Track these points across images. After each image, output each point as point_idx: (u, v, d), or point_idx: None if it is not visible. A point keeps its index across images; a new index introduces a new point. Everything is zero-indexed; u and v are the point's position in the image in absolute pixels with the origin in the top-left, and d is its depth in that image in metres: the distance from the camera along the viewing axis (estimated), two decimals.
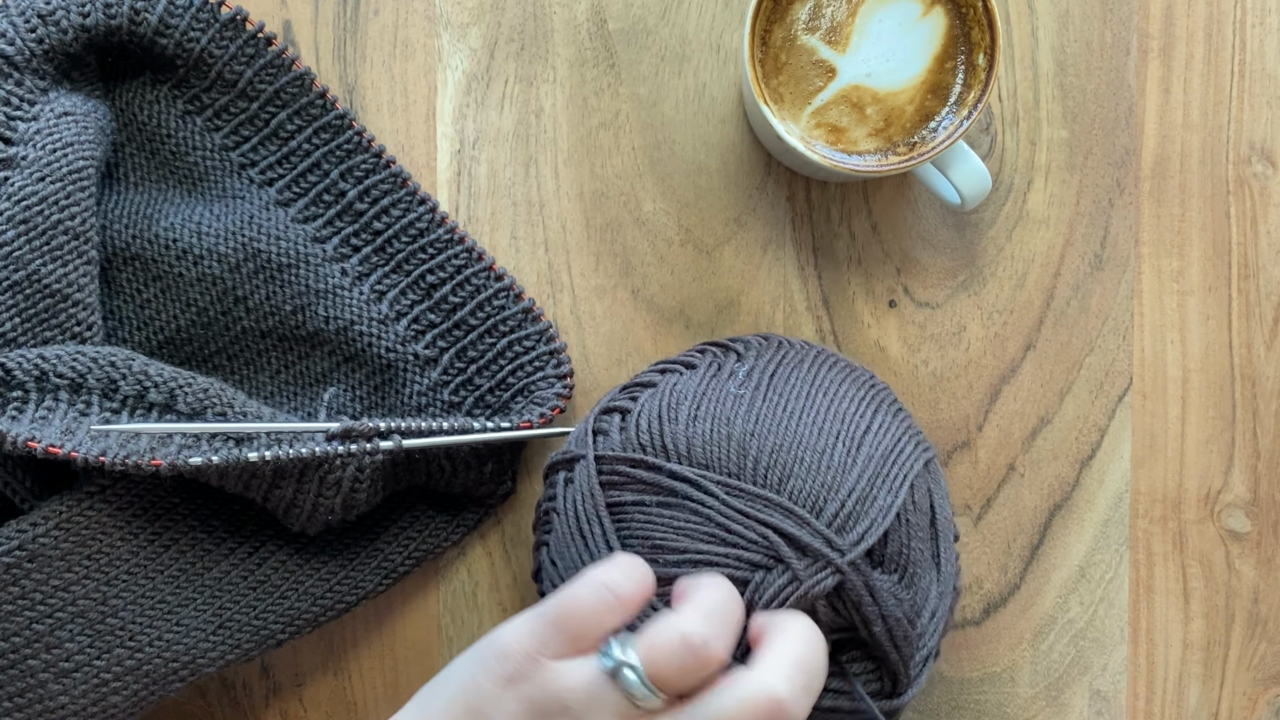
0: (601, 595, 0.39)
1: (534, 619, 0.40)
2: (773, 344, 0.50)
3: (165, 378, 0.48)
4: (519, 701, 0.39)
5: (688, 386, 0.47)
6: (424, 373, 0.53)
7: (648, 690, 0.38)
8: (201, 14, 0.51)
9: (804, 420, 0.45)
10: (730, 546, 0.43)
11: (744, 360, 0.48)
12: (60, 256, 0.48)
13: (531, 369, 0.54)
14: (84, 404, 0.47)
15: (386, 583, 0.53)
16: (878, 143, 0.50)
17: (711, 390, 0.47)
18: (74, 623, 0.46)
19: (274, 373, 0.54)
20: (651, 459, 0.45)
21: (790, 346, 0.50)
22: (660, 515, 0.44)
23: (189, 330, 0.53)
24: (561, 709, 0.38)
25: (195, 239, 0.52)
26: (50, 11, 0.49)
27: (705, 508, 0.44)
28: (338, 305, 0.53)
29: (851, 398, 0.47)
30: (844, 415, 0.46)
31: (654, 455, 0.45)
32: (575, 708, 0.38)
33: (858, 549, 0.43)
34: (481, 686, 0.39)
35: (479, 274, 0.54)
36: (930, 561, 0.46)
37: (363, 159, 0.53)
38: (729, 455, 0.44)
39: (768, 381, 0.47)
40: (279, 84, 0.52)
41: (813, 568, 0.43)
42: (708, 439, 0.45)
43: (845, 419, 0.46)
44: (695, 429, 0.45)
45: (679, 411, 0.46)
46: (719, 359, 0.49)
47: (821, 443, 0.45)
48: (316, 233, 0.53)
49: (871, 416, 0.46)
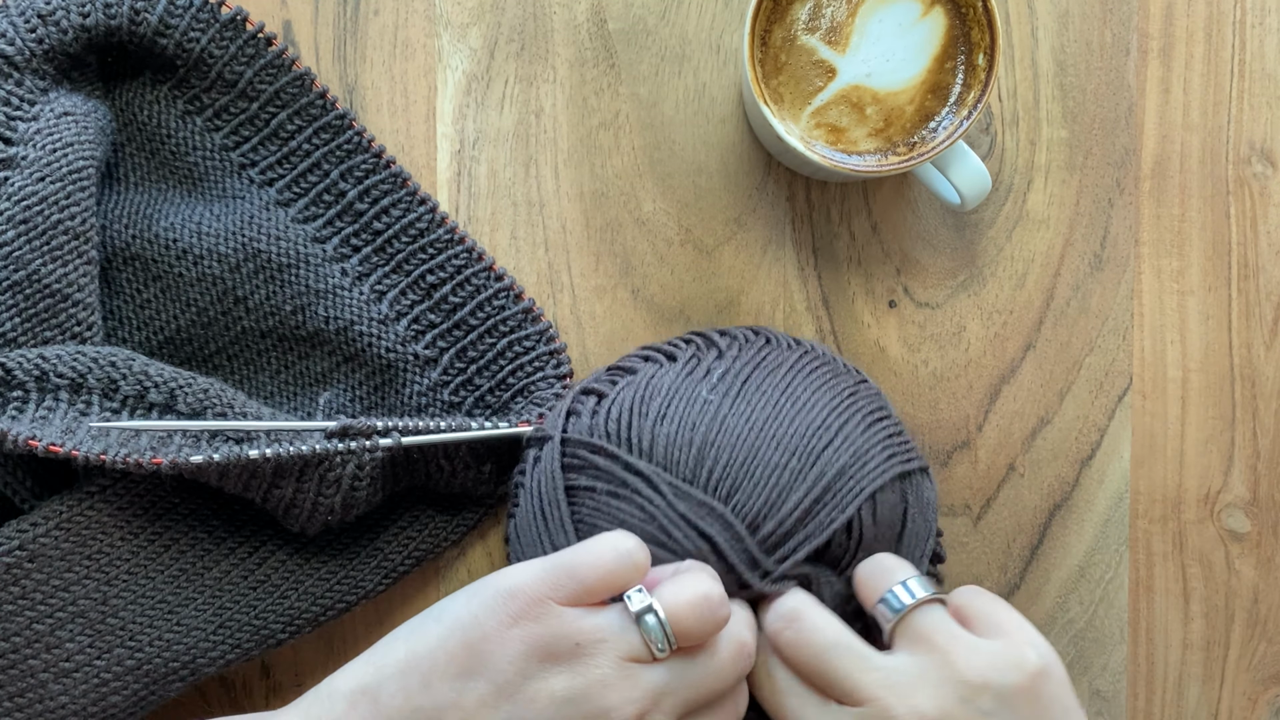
0: (623, 558, 0.42)
1: (549, 566, 0.42)
2: (756, 343, 0.50)
3: (165, 378, 0.48)
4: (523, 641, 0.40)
5: (663, 381, 0.48)
6: (424, 373, 0.53)
7: (665, 636, 0.41)
8: (201, 14, 0.51)
9: (765, 433, 0.46)
10: (662, 547, 0.45)
11: (723, 358, 0.49)
12: (60, 256, 0.48)
13: (531, 369, 0.54)
14: (84, 404, 0.47)
15: (386, 583, 0.53)
16: (878, 143, 0.50)
17: (684, 390, 0.47)
18: (74, 623, 0.46)
19: (274, 373, 0.54)
20: (611, 448, 0.46)
21: (775, 346, 0.50)
22: (608, 504, 0.46)
23: (189, 330, 0.53)
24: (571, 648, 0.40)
25: (195, 239, 0.52)
26: (50, 12, 0.49)
27: (651, 505, 0.45)
28: (338, 305, 0.53)
29: (822, 407, 0.47)
30: (808, 427, 0.46)
31: (617, 445, 0.46)
32: (585, 645, 0.40)
33: (780, 570, 0.44)
34: (484, 623, 0.40)
35: (479, 274, 0.54)
36: None
37: (363, 159, 0.53)
38: (687, 459, 0.45)
39: (739, 387, 0.47)
40: (279, 84, 0.52)
41: (734, 584, 0.44)
42: (670, 440, 0.46)
43: (808, 432, 0.46)
44: (660, 428, 0.46)
45: (650, 407, 0.47)
46: (700, 353, 0.50)
47: (776, 457, 0.45)
48: (316, 233, 0.53)
49: (838, 430, 0.47)
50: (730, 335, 0.51)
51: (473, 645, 0.40)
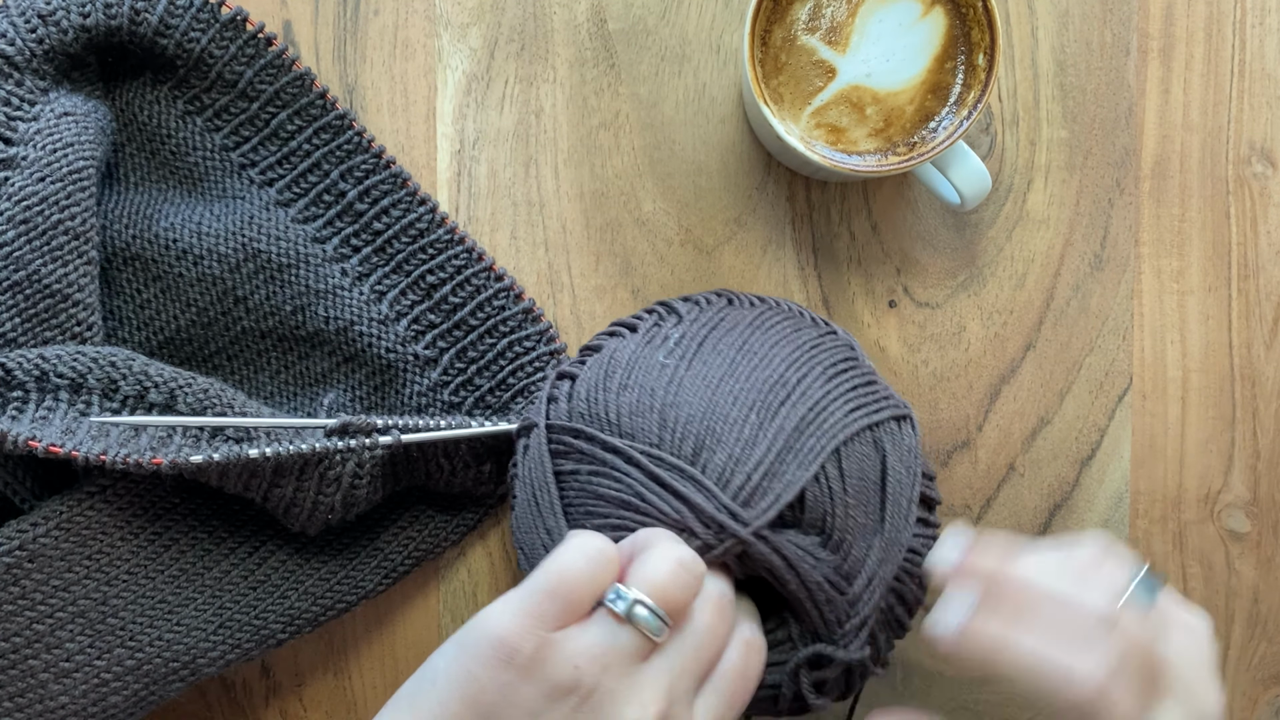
0: (594, 560, 0.41)
1: (524, 597, 0.40)
2: (718, 304, 0.50)
3: (165, 378, 0.48)
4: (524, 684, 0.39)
5: (624, 354, 0.48)
6: (424, 373, 0.53)
7: (660, 620, 0.40)
8: (202, 14, 0.51)
9: (722, 390, 0.46)
10: (645, 515, 0.45)
11: (682, 322, 0.49)
12: (60, 257, 0.48)
13: (532, 369, 0.54)
14: (84, 404, 0.47)
15: (386, 583, 0.53)
16: (878, 143, 0.50)
17: (643, 359, 0.48)
18: (74, 623, 0.46)
19: (274, 373, 0.54)
20: (588, 429, 0.46)
21: (737, 306, 0.50)
22: (591, 483, 0.46)
23: (189, 330, 0.53)
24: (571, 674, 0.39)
25: (195, 239, 0.52)
26: (50, 12, 0.49)
27: (628, 477, 0.45)
28: (338, 305, 0.53)
29: (780, 360, 0.47)
30: (766, 382, 0.46)
31: (590, 424, 0.47)
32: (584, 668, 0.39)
33: (761, 520, 0.44)
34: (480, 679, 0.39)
35: (479, 274, 0.54)
36: (871, 525, 0.46)
37: (363, 159, 0.53)
38: (652, 425, 0.46)
39: (695, 349, 0.47)
40: (279, 84, 0.52)
41: (717, 538, 0.44)
42: (634, 409, 0.46)
43: (766, 387, 0.46)
44: (623, 399, 0.46)
45: (612, 381, 0.47)
46: (661, 321, 0.50)
47: (735, 413, 0.45)
48: (317, 233, 0.53)
49: (797, 383, 0.46)
50: (693, 300, 0.51)
51: (476, 702, 0.39)
